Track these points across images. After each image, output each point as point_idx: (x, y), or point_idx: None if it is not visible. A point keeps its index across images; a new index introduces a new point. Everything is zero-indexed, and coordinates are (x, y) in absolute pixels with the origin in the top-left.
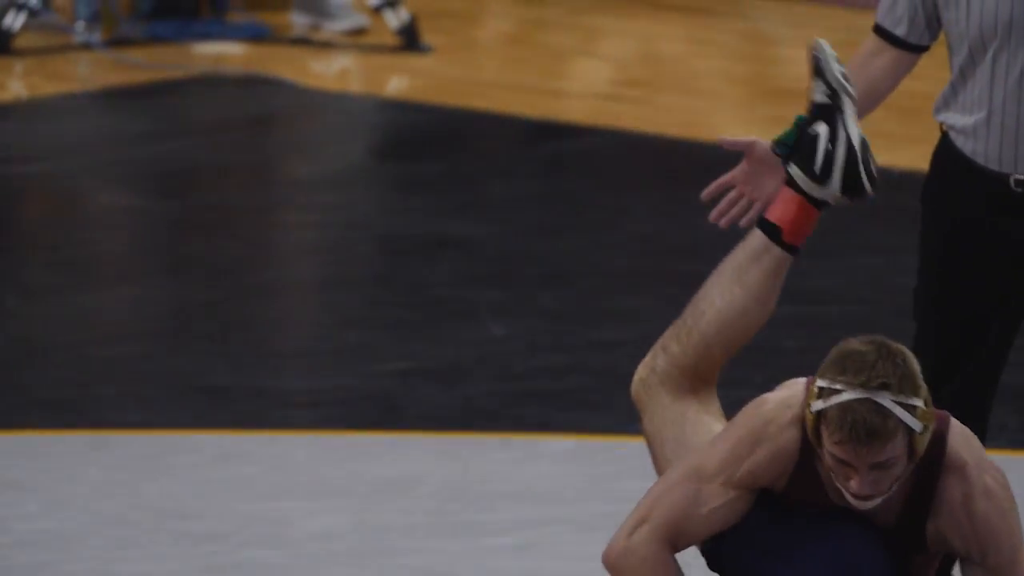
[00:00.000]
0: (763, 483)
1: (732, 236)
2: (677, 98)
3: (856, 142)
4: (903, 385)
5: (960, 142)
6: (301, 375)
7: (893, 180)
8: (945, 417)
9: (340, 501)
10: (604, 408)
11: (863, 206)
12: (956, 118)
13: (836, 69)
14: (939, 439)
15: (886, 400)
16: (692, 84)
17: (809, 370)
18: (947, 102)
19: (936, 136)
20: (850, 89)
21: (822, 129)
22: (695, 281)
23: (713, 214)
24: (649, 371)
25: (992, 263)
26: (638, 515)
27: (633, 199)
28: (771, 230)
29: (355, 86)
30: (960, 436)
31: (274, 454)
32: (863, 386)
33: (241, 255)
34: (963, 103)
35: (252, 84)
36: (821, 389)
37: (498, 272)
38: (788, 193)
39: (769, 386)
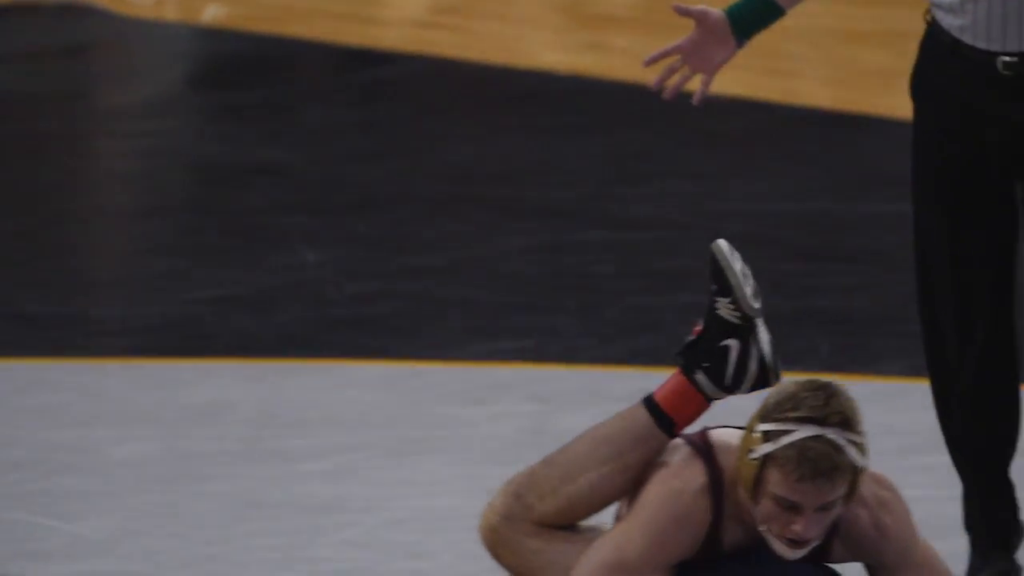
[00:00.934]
0: (682, 556)
1: (546, 163)
2: (493, 24)
3: (768, 352)
4: (853, 422)
5: (947, 21)
6: (113, 302)
7: (708, 105)
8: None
9: (151, 428)
10: (415, 334)
11: (678, 131)
12: None
13: (747, 292)
14: None
15: (841, 437)
16: (508, 11)
17: (621, 295)
18: None
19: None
20: (758, 307)
21: (733, 343)
22: (510, 207)
23: (655, 81)
24: (501, 518)
25: (985, 149)
26: None
27: (449, 126)
28: (664, 421)
29: (171, 14)
30: None
31: (84, 382)
32: (819, 423)
33: (54, 182)
34: None
35: (68, 12)
36: (767, 433)
37: (312, 199)
38: (687, 389)
39: (581, 311)
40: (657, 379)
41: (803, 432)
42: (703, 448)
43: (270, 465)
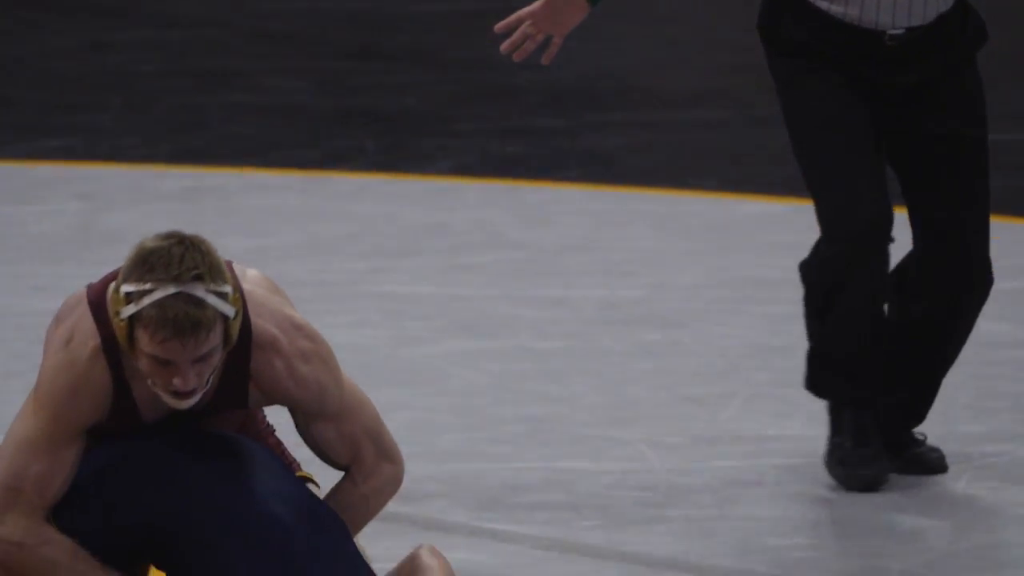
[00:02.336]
0: (91, 422)
1: None
2: None
3: None
4: (213, 274)
5: (823, 5)
6: None
7: None
8: (239, 293)
9: None
10: None
11: None
12: None
13: None
14: (243, 319)
15: (200, 291)
16: None
17: (166, 94)
18: None
19: None
20: None
21: None
22: (52, 5)
23: (505, 45)
24: None
25: (865, 105)
26: None
27: None
28: None
29: None
30: (261, 308)
31: None
32: (176, 280)
33: None
34: None
35: None
36: (129, 294)
37: None
38: None
39: (126, 110)
40: (203, 177)
41: (162, 291)
42: (97, 306)
43: None
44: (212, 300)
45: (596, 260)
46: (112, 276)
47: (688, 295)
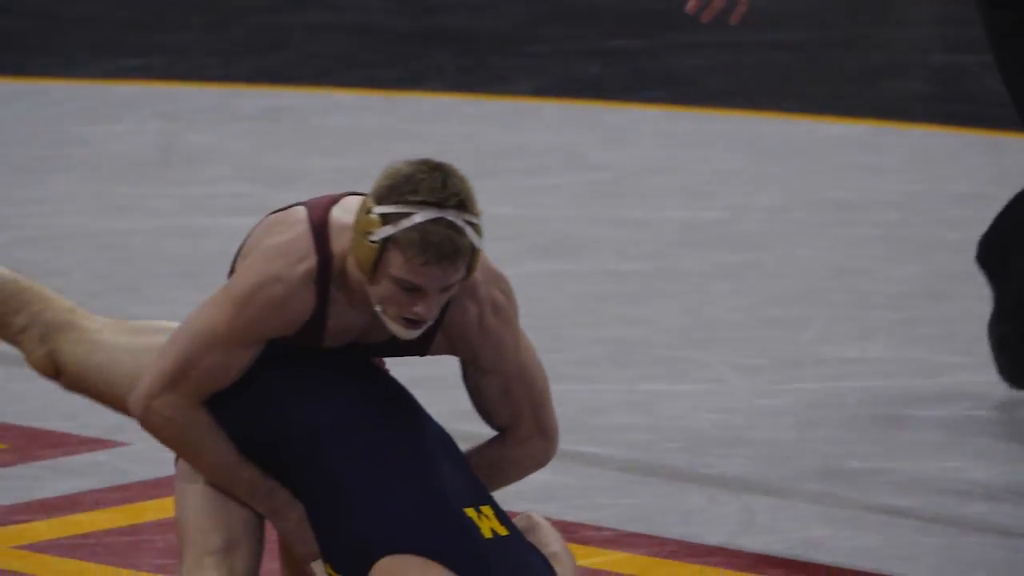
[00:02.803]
0: (277, 336)
1: None
2: None
3: None
4: (470, 203)
5: None
6: None
7: None
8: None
9: None
10: (41, 51)
11: None
12: None
13: None
14: None
15: (460, 219)
16: None
17: (248, 13)
18: None
19: None
20: None
21: None
22: None
23: (691, 4)
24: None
25: None
26: (160, 375)
27: None
28: None
29: None
30: None
31: None
32: (438, 206)
33: None
34: None
35: None
36: (386, 216)
37: None
38: None
39: (207, 29)
40: (282, 97)
41: (423, 215)
42: (319, 229)
43: None
44: (469, 231)
45: (676, 182)
46: (331, 200)
47: (768, 217)
